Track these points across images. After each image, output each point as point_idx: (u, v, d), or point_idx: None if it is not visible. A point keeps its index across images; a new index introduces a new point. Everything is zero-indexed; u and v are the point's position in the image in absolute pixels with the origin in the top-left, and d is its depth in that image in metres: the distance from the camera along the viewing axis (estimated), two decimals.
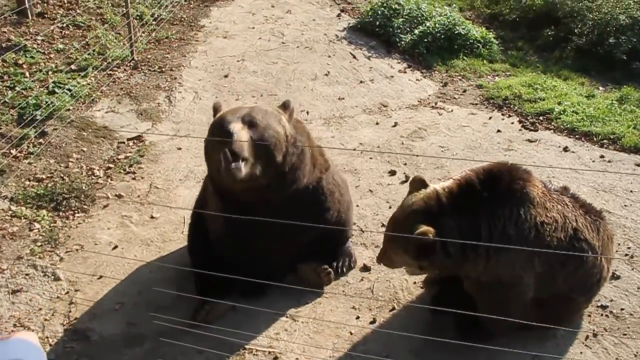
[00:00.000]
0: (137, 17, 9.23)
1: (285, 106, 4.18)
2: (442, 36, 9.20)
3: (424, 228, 3.56)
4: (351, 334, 4.17)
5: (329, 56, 8.89)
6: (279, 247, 4.29)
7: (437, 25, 9.29)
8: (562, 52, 9.66)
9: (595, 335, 4.13)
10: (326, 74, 8.32)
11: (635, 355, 3.97)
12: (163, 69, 8.25)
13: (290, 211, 3.99)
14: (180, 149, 6.53)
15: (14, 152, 6.03)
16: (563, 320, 4.12)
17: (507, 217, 3.66)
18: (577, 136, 6.83)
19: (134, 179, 5.99)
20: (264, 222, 3.74)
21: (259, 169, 3.85)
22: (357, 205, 5.43)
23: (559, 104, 7.49)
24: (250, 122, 3.85)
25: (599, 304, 4.35)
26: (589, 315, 4.28)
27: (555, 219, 3.78)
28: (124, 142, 6.58)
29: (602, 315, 4.30)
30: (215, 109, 4.20)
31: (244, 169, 3.72)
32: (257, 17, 10.39)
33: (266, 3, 11.05)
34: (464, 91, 8.05)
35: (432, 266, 3.86)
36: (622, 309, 4.33)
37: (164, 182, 5.95)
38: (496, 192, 3.67)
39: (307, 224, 3.70)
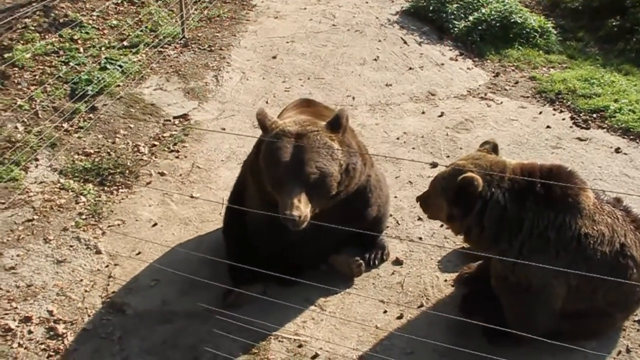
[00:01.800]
0: None
1: (337, 125, 3.94)
2: (497, 24, 8.94)
3: (475, 175, 3.57)
4: (377, 327, 4.18)
5: (379, 40, 8.77)
6: (316, 240, 4.31)
7: (492, 12, 9.03)
8: (626, 45, 9.22)
9: (628, 351, 4.01)
10: (375, 59, 8.23)
11: None
12: (212, 48, 8.32)
13: (336, 209, 4.02)
14: (224, 129, 6.60)
15: (65, 125, 6.23)
16: (597, 334, 4.04)
17: (552, 220, 3.60)
18: (631, 137, 6.55)
19: (177, 157, 6.10)
20: None
21: (318, 205, 3.90)
22: (395, 197, 5.40)
23: (616, 101, 7.18)
24: (306, 182, 3.75)
25: (636, 319, 4.21)
26: (624, 330, 4.15)
27: (602, 232, 3.68)
28: (169, 120, 6.70)
29: (638, 330, 4.16)
30: (261, 120, 3.99)
31: (305, 224, 3.77)
32: None
33: None
34: (516, 83, 7.83)
35: (459, 226, 3.82)
36: None
37: (206, 162, 6.04)
38: (550, 193, 3.60)
39: (346, 221, 3.81)
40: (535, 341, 3.70)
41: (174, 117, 6.77)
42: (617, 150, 6.25)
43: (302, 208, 3.70)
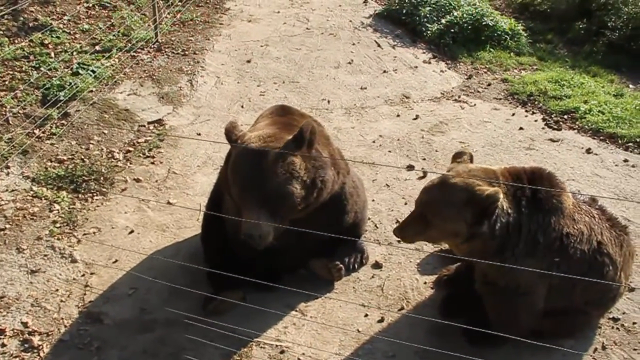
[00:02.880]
0: None
1: (301, 140, 3.84)
2: (469, 27, 9.07)
3: (497, 189, 3.48)
4: (359, 331, 4.19)
5: (354, 44, 8.82)
6: (295, 245, 4.30)
7: (464, 15, 9.16)
8: (593, 47, 9.46)
9: (604, 348, 4.09)
10: (349, 62, 8.26)
11: None
12: (186, 52, 8.27)
13: (312, 216, 4.02)
14: (199, 134, 6.56)
15: (37, 132, 6.12)
16: (574, 332, 4.11)
17: (541, 223, 3.65)
18: (601, 138, 6.70)
19: (152, 163, 6.04)
20: None
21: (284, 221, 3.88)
22: (373, 200, 5.42)
23: (585, 102, 7.34)
24: (266, 201, 3.73)
25: (611, 316, 4.30)
26: (600, 327, 4.23)
27: (582, 231, 3.76)
28: (144, 126, 6.63)
29: (612, 327, 4.25)
30: (228, 133, 3.95)
31: (267, 240, 3.78)
32: (282, 1, 10.34)
33: None
34: (489, 85, 7.93)
35: (466, 242, 3.68)
36: (634, 323, 4.27)
37: (182, 168, 6.00)
38: (537, 196, 3.65)
39: (324, 227, 3.76)
40: (514, 341, 3.76)
41: (149, 123, 6.70)
42: (588, 151, 6.38)
43: (263, 226, 3.69)
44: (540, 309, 3.87)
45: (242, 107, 7.13)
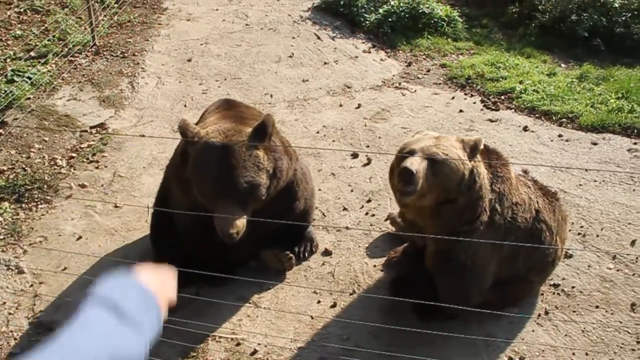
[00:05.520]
0: (98, 0, 9.08)
1: (263, 133, 3.86)
2: (407, 15, 9.23)
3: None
4: (312, 318, 4.26)
5: (293, 37, 8.88)
6: (246, 237, 4.33)
7: (401, 4, 9.32)
8: (526, 30, 9.77)
9: (547, 313, 4.28)
10: (290, 56, 8.32)
11: (583, 331, 4.13)
12: (126, 54, 8.17)
13: (266, 206, 4.03)
14: (143, 136, 6.51)
15: None
16: (519, 300, 4.28)
17: (497, 192, 3.77)
18: (537, 115, 6.96)
19: (97, 167, 5.96)
20: None
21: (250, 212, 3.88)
22: (320, 189, 5.50)
23: (521, 82, 7.60)
24: (239, 197, 3.75)
25: (552, 283, 4.50)
26: (542, 294, 4.42)
27: (524, 200, 3.93)
28: (86, 131, 6.54)
29: (554, 293, 4.45)
30: (183, 131, 3.86)
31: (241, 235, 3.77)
32: None
33: None
34: (428, 71, 8.11)
35: (449, 210, 3.67)
36: (572, 287, 4.49)
37: (128, 170, 5.94)
38: (492, 167, 3.80)
39: (275, 216, 3.80)
40: (462, 313, 3.92)
41: (91, 127, 6.60)
42: (525, 129, 6.62)
43: (238, 223, 3.71)
44: (489, 284, 4.02)
45: (185, 106, 7.10)
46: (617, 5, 9.29)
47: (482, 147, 3.69)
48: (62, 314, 4.33)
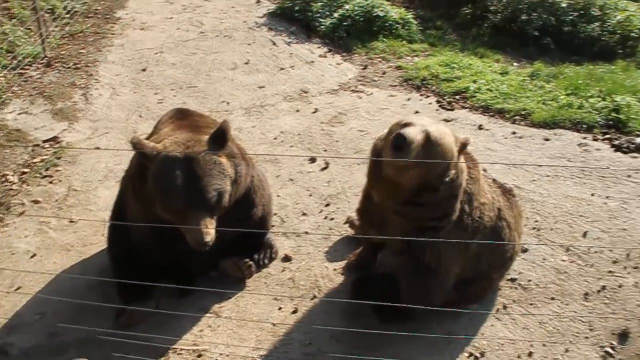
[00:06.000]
0: (49, 11, 8.92)
1: (223, 140, 3.85)
2: (362, 19, 9.30)
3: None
4: (274, 325, 4.25)
5: (249, 44, 8.87)
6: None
7: (356, 8, 9.38)
8: (480, 30, 9.95)
9: (505, 307, 4.36)
10: (246, 63, 8.30)
11: (540, 323, 4.22)
12: (78, 66, 8.04)
13: (225, 214, 3.99)
14: (99, 148, 6.41)
15: None
16: (480, 298, 4.34)
17: (468, 195, 3.79)
18: (491, 114, 7.08)
19: (51, 182, 5.84)
20: None
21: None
22: (278, 196, 5.49)
23: (475, 82, 7.72)
24: (209, 207, 3.72)
25: (509, 278, 4.57)
26: (500, 289, 4.49)
27: (489, 199, 3.99)
28: (39, 145, 6.40)
29: (511, 288, 4.53)
30: (139, 148, 3.75)
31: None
32: (175, 7, 10.24)
33: None
34: (384, 73, 8.19)
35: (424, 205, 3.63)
36: (529, 281, 4.58)
37: (83, 184, 5.84)
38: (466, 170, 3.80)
39: (234, 224, 3.77)
40: (423, 312, 3.95)
41: (44, 141, 6.46)
42: (480, 128, 6.73)
43: (211, 231, 3.69)
44: (452, 284, 4.05)
45: (141, 116, 7.01)
46: (564, 6, 9.53)
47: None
48: (17, 335, 4.23)
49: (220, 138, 3.84)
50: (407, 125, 3.42)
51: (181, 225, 3.72)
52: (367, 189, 4.03)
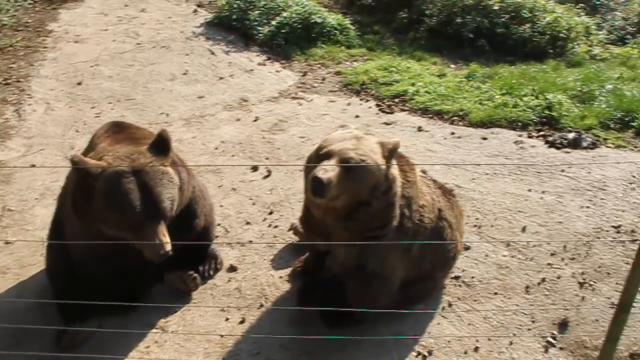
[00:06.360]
0: None
1: (166, 149, 3.82)
2: (299, 26, 9.33)
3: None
4: (222, 336, 4.20)
5: (187, 54, 8.78)
6: (148, 261, 4.21)
7: (293, 15, 9.41)
8: (416, 34, 10.12)
9: (450, 305, 4.43)
10: (184, 73, 8.22)
11: (485, 318, 4.32)
12: (9, 81, 7.79)
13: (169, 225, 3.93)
14: (34, 165, 6.21)
15: None
16: (425, 297, 4.40)
17: (406, 199, 3.83)
18: (430, 115, 7.22)
19: None
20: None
21: None
22: (221, 205, 5.45)
23: (413, 85, 7.86)
24: (164, 216, 3.70)
25: (453, 276, 4.66)
26: (445, 287, 4.57)
27: (428, 201, 4.05)
28: None
29: (455, 285, 4.62)
30: (82, 163, 3.63)
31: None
32: (109, 18, 10.03)
33: (119, 2, 10.73)
34: (323, 79, 8.24)
35: (362, 215, 3.68)
36: (472, 277, 4.67)
37: (18, 203, 5.64)
38: (401, 170, 3.83)
39: (177, 235, 3.73)
40: (370, 315, 3.99)
41: None
42: (420, 129, 6.85)
43: (168, 239, 3.66)
44: (397, 286, 4.10)
45: (78, 131, 6.84)
46: (496, 8, 9.81)
47: (399, 149, 3.72)
48: None
49: (162, 146, 3.80)
50: (325, 156, 3.50)
51: (134, 240, 3.66)
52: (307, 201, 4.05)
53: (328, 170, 3.38)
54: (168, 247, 3.63)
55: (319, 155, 3.57)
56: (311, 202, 3.77)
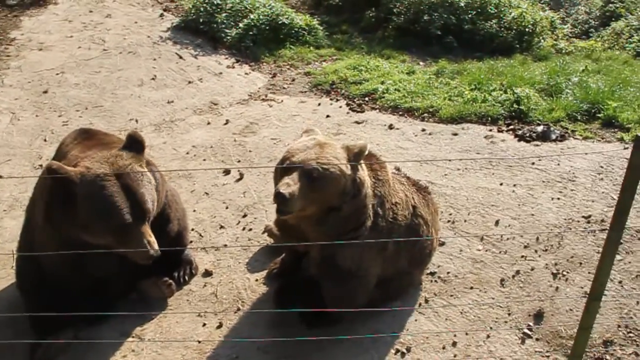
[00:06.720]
0: None
1: (140, 149, 3.84)
2: (267, 27, 9.32)
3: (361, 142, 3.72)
4: (199, 342, 4.15)
5: (155, 59, 8.69)
6: (122, 269, 4.15)
7: (260, 17, 9.40)
8: (384, 32, 10.20)
9: (427, 301, 4.45)
10: (153, 78, 8.14)
11: (461, 313, 4.34)
12: None
13: None
14: (1, 176, 6.08)
15: None
16: (402, 294, 4.41)
17: (379, 198, 3.83)
18: (400, 113, 7.26)
19: None
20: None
21: None
22: (194, 210, 5.41)
23: (382, 83, 7.90)
24: (148, 217, 3.74)
25: (429, 272, 4.68)
26: (421, 284, 4.59)
27: (402, 198, 4.06)
28: None
29: (431, 281, 4.64)
30: (61, 170, 3.56)
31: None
32: (74, 25, 9.89)
33: (83, 9, 10.59)
34: (293, 80, 8.23)
35: (335, 217, 3.71)
36: (448, 273, 4.70)
37: None
38: (372, 170, 3.85)
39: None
40: (348, 314, 3.99)
41: None
42: (391, 127, 6.88)
43: (155, 239, 3.69)
44: (374, 284, 4.10)
45: (45, 140, 6.72)
46: (462, 5, 9.91)
47: (366, 153, 3.73)
48: None
49: (136, 146, 3.81)
50: (287, 170, 3.54)
51: (117, 243, 3.66)
52: None
53: (290, 185, 3.43)
54: (156, 245, 3.66)
55: (283, 168, 3.60)
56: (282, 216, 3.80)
